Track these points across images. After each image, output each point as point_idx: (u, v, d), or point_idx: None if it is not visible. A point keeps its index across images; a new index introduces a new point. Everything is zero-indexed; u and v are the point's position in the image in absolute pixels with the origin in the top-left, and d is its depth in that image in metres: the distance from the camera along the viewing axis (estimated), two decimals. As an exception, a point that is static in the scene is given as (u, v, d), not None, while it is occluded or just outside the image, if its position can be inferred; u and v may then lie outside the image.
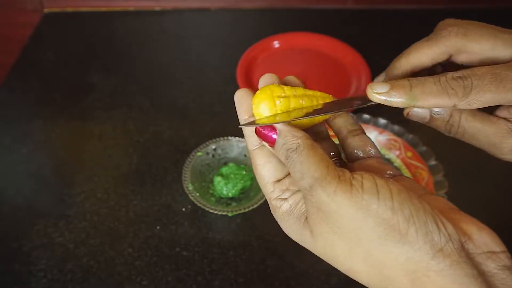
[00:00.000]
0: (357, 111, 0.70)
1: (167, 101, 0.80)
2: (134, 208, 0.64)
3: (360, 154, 0.32)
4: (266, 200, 0.62)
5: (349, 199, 0.24)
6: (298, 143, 0.27)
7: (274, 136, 0.28)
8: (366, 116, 0.66)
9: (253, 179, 0.65)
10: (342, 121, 0.33)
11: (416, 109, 0.32)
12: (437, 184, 0.60)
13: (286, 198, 0.29)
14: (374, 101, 0.30)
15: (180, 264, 0.58)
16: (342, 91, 0.80)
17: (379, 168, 0.30)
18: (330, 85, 0.82)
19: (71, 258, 0.58)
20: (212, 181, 0.65)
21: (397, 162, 0.64)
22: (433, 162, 0.62)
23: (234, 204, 0.63)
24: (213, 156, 0.67)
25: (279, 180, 0.30)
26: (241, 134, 0.68)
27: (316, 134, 0.34)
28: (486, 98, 0.28)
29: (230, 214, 0.61)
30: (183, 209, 0.64)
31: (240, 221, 0.62)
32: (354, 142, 0.32)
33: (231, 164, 0.65)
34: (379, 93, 0.29)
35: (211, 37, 0.93)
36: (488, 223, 0.67)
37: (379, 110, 0.69)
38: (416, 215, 0.23)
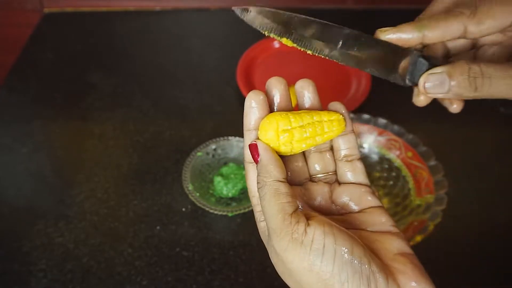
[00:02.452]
0: (357, 111, 0.70)
1: (167, 101, 0.80)
2: (134, 208, 0.64)
3: (349, 178, 0.33)
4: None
5: (297, 256, 0.26)
6: (266, 182, 0.28)
7: (257, 156, 0.30)
8: (366, 116, 0.66)
9: (253, 179, 0.65)
10: (342, 143, 0.33)
11: (430, 81, 0.31)
12: (437, 184, 0.60)
13: (263, 220, 0.31)
14: (383, 38, 0.31)
15: (180, 264, 0.58)
16: (342, 91, 0.80)
17: (360, 196, 0.32)
18: (330, 85, 0.82)
19: (71, 258, 0.58)
20: (212, 181, 0.65)
21: (397, 162, 0.64)
22: (433, 162, 0.62)
23: (234, 204, 0.63)
24: (213, 156, 0.67)
25: None
26: (241, 134, 0.68)
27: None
28: (494, 13, 0.29)
29: (230, 214, 0.61)
30: (183, 209, 0.64)
31: (240, 221, 0.62)
32: (345, 167, 0.33)
33: (231, 164, 0.65)
34: (387, 31, 0.31)
35: (211, 37, 0.93)
36: (488, 223, 0.67)
37: (380, 110, 0.69)
38: (351, 279, 0.26)
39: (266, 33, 0.33)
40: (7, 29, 1.00)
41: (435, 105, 0.86)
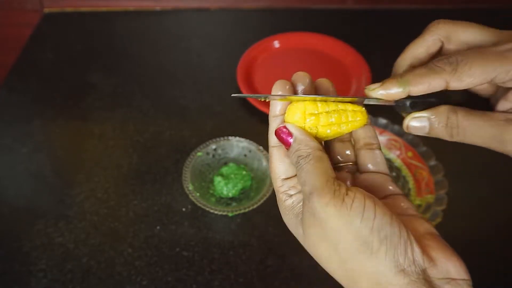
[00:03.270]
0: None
1: (167, 101, 0.80)
2: (134, 208, 0.64)
3: (370, 167, 0.34)
4: (266, 200, 0.63)
5: (338, 212, 0.27)
6: (309, 152, 0.30)
7: (290, 140, 0.31)
8: (366, 116, 0.66)
9: (253, 179, 0.65)
10: (362, 132, 0.35)
11: (413, 122, 0.34)
12: (437, 184, 0.60)
13: (291, 195, 0.32)
14: (373, 96, 0.33)
15: (180, 264, 0.58)
16: (342, 91, 0.80)
17: (381, 184, 0.33)
18: (330, 85, 0.82)
19: (71, 258, 0.58)
20: (212, 181, 0.65)
21: (398, 162, 0.64)
22: (433, 162, 0.62)
23: (234, 204, 0.63)
24: (213, 156, 0.67)
25: (288, 178, 0.33)
26: (241, 134, 0.68)
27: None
28: (475, 71, 0.30)
29: (230, 214, 0.61)
30: (183, 209, 0.64)
31: (240, 221, 0.62)
32: (366, 156, 0.34)
33: (231, 164, 0.65)
34: (375, 89, 0.33)
35: (211, 37, 0.93)
36: (488, 223, 0.67)
37: (380, 110, 0.69)
38: (390, 238, 0.27)
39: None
40: (7, 29, 1.00)
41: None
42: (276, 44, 0.88)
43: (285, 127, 0.32)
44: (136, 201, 0.65)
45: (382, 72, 0.90)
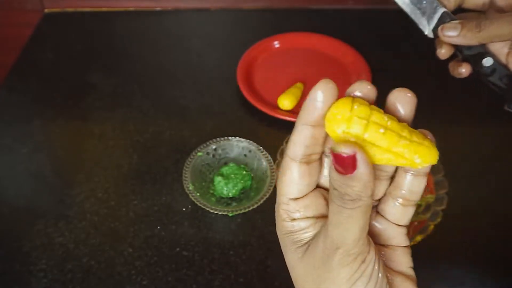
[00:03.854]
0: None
1: (167, 101, 0.80)
2: (134, 208, 0.64)
3: (391, 219, 0.29)
4: (266, 200, 0.62)
5: (347, 276, 0.26)
6: (361, 197, 0.24)
7: (351, 172, 0.24)
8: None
9: (253, 179, 0.65)
10: (409, 181, 0.28)
11: (449, 23, 0.43)
12: (437, 184, 0.60)
13: (294, 219, 0.28)
14: (446, 41, 0.40)
15: (180, 264, 0.58)
16: (342, 91, 0.80)
17: (392, 236, 0.30)
18: (330, 85, 0.82)
19: (71, 258, 0.58)
20: (212, 181, 0.65)
21: (397, 162, 0.64)
22: (433, 162, 0.62)
23: (234, 204, 0.63)
24: (213, 156, 0.67)
25: (296, 198, 0.28)
26: (241, 134, 0.68)
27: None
28: None
29: (230, 214, 0.61)
30: (183, 209, 0.64)
31: (240, 221, 0.62)
32: (395, 209, 0.29)
33: (231, 164, 0.65)
34: (450, 36, 0.40)
35: (211, 37, 0.93)
36: (488, 223, 0.67)
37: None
38: None
39: None
40: (7, 29, 1.00)
41: (435, 105, 0.87)
42: (276, 44, 0.88)
43: (354, 156, 0.24)
44: (136, 201, 0.65)
45: (382, 72, 0.91)
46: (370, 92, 0.27)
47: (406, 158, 0.24)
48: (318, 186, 0.29)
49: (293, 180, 0.27)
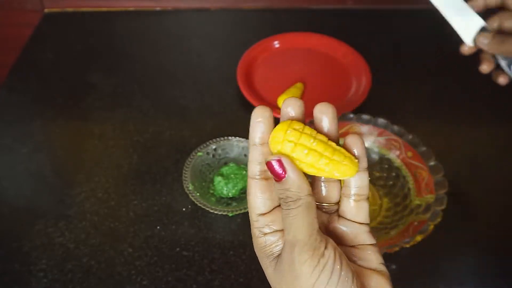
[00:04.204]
0: (357, 111, 0.70)
1: (167, 101, 0.80)
2: (134, 208, 0.64)
3: (350, 217, 0.33)
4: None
5: (310, 272, 0.28)
6: (299, 196, 0.29)
7: (283, 175, 0.29)
8: (366, 116, 0.66)
9: (253, 179, 0.65)
10: (354, 180, 0.32)
11: (482, 35, 0.52)
12: (437, 184, 0.60)
13: (265, 234, 0.31)
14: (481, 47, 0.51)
15: (180, 264, 0.58)
16: (342, 91, 0.80)
17: (356, 234, 0.32)
18: (330, 85, 0.82)
19: (71, 258, 0.58)
20: (212, 181, 0.65)
21: (397, 162, 0.64)
22: (433, 162, 0.62)
23: (234, 204, 0.63)
24: (213, 156, 0.67)
25: (263, 214, 0.31)
26: (241, 134, 0.68)
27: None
28: None
29: (230, 214, 0.61)
30: (183, 209, 0.64)
31: (240, 221, 0.62)
32: (351, 205, 0.32)
33: (231, 164, 0.65)
34: (482, 43, 0.51)
35: (211, 37, 0.93)
36: (488, 223, 0.67)
37: (380, 110, 0.69)
38: None
39: None
40: (7, 29, 1.00)
41: (435, 105, 0.87)
42: (276, 44, 0.88)
43: (280, 161, 0.29)
44: (136, 201, 0.65)
45: (382, 72, 0.90)
46: (299, 106, 0.31)
47: (327, 172, 0.30)
48: None
49: (256, 196, 0.31)
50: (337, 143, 0.31)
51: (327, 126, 0.31)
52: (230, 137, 0.68)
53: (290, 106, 0.31)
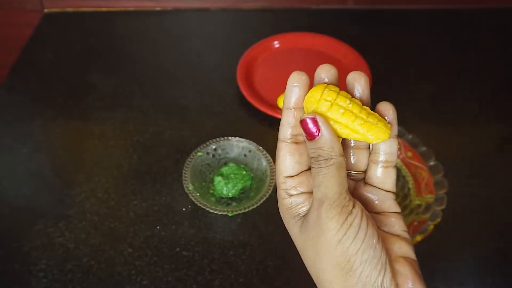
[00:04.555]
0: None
1: (167, 101, 0.80)
2: (134, 208, 0.64)
3: (377, 183, 0.33)
4: (266, 200, 0.62)
5: (337, 228, 0.29)
6: (331, 156, 0.30)
7: (316, 134, 0.30)
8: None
9: (253, 179, 0.65)
10: (383, 146, 0.33)
11: None
12: (437, 184, 0.60)
13: (291, 195, 0.32)
14: None
15: (180, 264, 0.58)
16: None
17: (382, 201, 0.33)
18: (330, 85, 0.82)
19: (71, 258, 0.58)
20: (212, 181, 0.65)
21: (397, 162, 0.64)
22: (433, 162, 0.62)
23: (234, 204, 0.63)
24: (213, 156, 0.67)
25: (291, 176, 0.32)
26: (241, 134, 0.68)
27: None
28: None
29: (230, 214, 0.61)
30: (183, 209, 0.64)
31: (240, 221, 0.62)
32: (378, 171, 0.33)
33: (231, 164, 0.65)
34: None
35: (211, 37, 0.93)
36: (488, 222, 0.67)
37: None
38: (370, 260, 0.29)
39: None
40: (7, 29, 1.00)
41: (435, 105, 0.87)
42: (276, 44, 0.88)
43: (315, 119, 0.30)
44: (136, 201, 0.65)
45: (382, 72, 0.90)
46: (333, 73, 0.32)
47: (360, 133, 0.30)
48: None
49: (285, 159, 0.32)
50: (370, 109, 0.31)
51: (359, 92, 0.32)
52: (230, 137, 0.68)
53: (324, 72, 0.32)
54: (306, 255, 0.31)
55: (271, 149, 0.65)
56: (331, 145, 0.30)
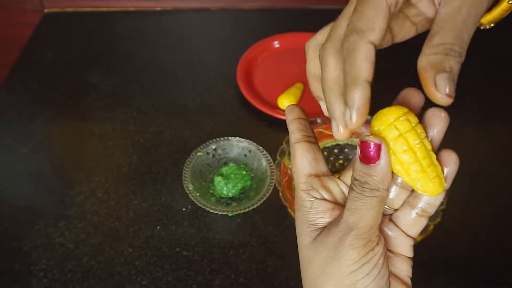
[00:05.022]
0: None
1: (167, 101, 0.80)
2: (134, 208, 0.64)
3: (404, 228, 0.32)
4: (266, 200, 0.62)
5: (355, 259, 0.28)
6: (379, 188, 0.28)
7: (374, 160, 0.27)
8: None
9: (253, 179, 0.65)
10: (428, 197, 0.31)
11: None
12: (437, 184, 0.59)
13: (313, 198, 0.31)
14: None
15: (180, 264, 0.58)
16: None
17: (399, 244, 0.32)
18: (330, 85, 0.82)
19: (71, 258, 0.59)
20: (212, 181, 0.65)
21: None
22: (433, 162, 0.62)
23: (234, 204, 0.63)
24: (213, 156, 0.67)
25: (314, 175, 0.31)
26: (241, 134, 0.68)
27: None
28: None
29: (230, 214, 0.61)
30: (183, 209, 0.64)
31: (240, 221, 0.62)
32: (410, 217, 0.31)
33: (231, 164, 0.65)
34: None
35: (211, 37, 0.93)
36: (488, 223, 0.67)
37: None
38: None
39: None
40: (7, 29, 1.00)
41: (435, 105, 0.86)
42: (276, 44, 0.88)
43: (379, 145, 0.27)
44: (136, 201, 0.65)
45: (381, 71, 0.90)
46: (418, 101, 0.31)
47: (411, 179, 0.28)
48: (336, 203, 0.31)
49: (303, 156, 0.31)
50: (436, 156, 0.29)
51: (433, 134, 0.30)
52: (230, 137, 0.68)
53: (415, 94, 0.31)
54: (309, 268, 0.30)
55: (271, 149, 0.65)
56: (383, 178, 0.27)
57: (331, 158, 0.67)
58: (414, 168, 0.28)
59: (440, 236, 0.55)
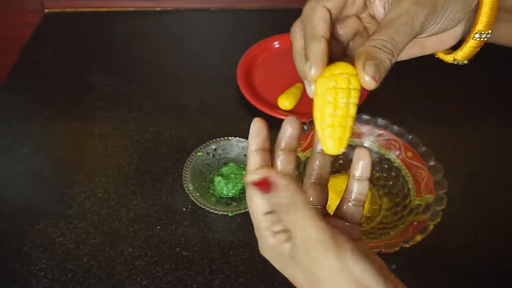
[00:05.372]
0: (357, 111, 0.70)
1: (167, 101, 0.80)
2: (134, 208, 0.64)
3: (344, 215, 0.36)
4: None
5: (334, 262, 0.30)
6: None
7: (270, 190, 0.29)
8: (366, 116, 0.66)
9: (253, 179, 0.65)
10: (356, 187, 0.35)
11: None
12: (437, 184, 0.60)
13: (276, 232, 0.31)
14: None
15: (180, 264, 0.58)
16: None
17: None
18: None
19: (72, 258, 0.59)
20: (212, 181, 0.65)
21: (397, 162, 0.64)
22: (433, 162, 0.62)
23: (234, 204, 0.63)
24: (213, 156, 0.67)
25: (270, 212, 0.31)
26: (241, 134, 0.68)
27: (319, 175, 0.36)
28: None
29: (230, 214, 0.61)
30: (183, 209, 0.64)
31: (240, 221, 0.62)
32: (347, 206, 0.36)
33: (231, 164, 0.65)
34: None
35: (211, 37, 0.93)
36: (487, 223, 0.67)
37: (380, 110, 0.69)
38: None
39: None
40: (7, 29, 1.00)
41: (435, 105, 0.87)
42: (276, 44, 0.88)
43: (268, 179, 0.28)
44: (136, 201, 0.65)
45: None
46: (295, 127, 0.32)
47: (321, 128, 0.31)
48: None
49: (258, 196, 0.30)
50: (353, 121, 0.32)
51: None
52: (230, 137, 0.68)
53: (288, 124, 0.33)
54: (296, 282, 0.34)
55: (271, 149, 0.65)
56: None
57: (331, 158, 0.67)
58: (328, 121, 0.31)
59: (440, 236, 0.55)
